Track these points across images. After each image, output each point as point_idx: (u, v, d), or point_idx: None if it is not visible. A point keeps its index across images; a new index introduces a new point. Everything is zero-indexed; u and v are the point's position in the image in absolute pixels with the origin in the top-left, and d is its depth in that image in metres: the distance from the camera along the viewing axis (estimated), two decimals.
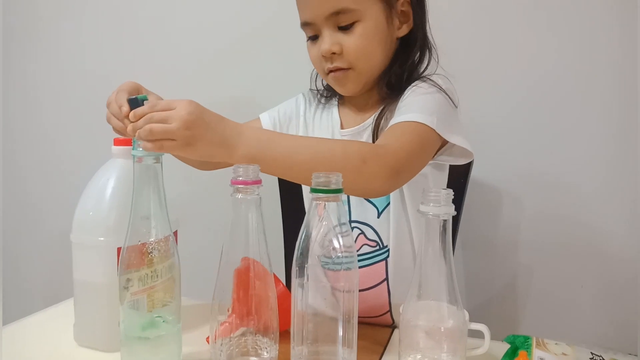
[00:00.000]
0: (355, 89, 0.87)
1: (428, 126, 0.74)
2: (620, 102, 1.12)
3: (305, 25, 0.85)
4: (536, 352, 0.65)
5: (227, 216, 0.61)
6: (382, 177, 0.68)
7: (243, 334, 0.61)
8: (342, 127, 0.91)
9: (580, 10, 1.12)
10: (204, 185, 1.36)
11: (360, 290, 0.58)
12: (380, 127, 0.84)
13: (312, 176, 0.56)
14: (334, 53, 0.82)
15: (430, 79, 0.84)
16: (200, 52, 1.39)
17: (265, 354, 0.60)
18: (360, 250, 0.84)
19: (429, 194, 0.53)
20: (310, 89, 0.99)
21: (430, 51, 0.88)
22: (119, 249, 0.65)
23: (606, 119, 1.14)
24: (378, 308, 0.84)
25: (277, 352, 0.61)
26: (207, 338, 0.71)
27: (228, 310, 0.60)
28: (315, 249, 0.57)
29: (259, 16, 1.33)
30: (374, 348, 0.74)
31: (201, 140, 0.63)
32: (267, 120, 0.96)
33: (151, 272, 0.64)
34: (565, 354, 0.66)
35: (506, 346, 0.70)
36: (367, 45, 0.82)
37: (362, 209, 0.85)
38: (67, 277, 0.73)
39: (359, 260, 0.59)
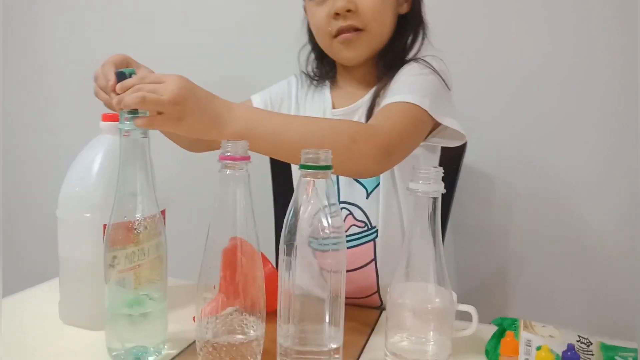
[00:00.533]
0: (361, 55, 0.85)
1: (420, 107, 0.74)
2: (614, 89, 1.12)
3: None
4: (523, 334, 0.66)
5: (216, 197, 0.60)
6: (372, 158, 0.68)
7: (230, 313, 0.61)
8: (333, 107, 0.90)
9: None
10: (193, 164, 1.35)
11: (347, 271, 0.58)
12: (375, 106, 0.83)
13: (302, 152, 0.55)
14: (348, 10, 0.80)
15: (424, 60, 0.83)
16: (192, 33, 1.37)
17: (251, 332, 0.60)
18: (349, 230, 0.84)
19: (419, 172, 0.53)
20: (302, 71, 0.98)
21: (424, 31, 0.88)
22: (105, 226, 0.65)
23: (600, 107, 1.14)
24: (366, 289, 0.84)
25: (263, 330, 0.60)
26: (194, 317, 0.70)
27: (214, 287, 0.59)
28: (303, 228, 0.56)
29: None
30: (361, 329, 0.73)
31: (191, 115, 0.62)
32: (258, 101, 0.95)
33: (138, 250, 0.63)
34: (552, 336, 0.66)
35: (494, 328, 0.70)
36: (382, 8, 0.82)
37: (350, 190, 0.85)
38: (54, 256, 0.72)
39: (347, 241, 0.59)
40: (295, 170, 0.96)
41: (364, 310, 0.81)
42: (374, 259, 0.83)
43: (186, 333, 0.69)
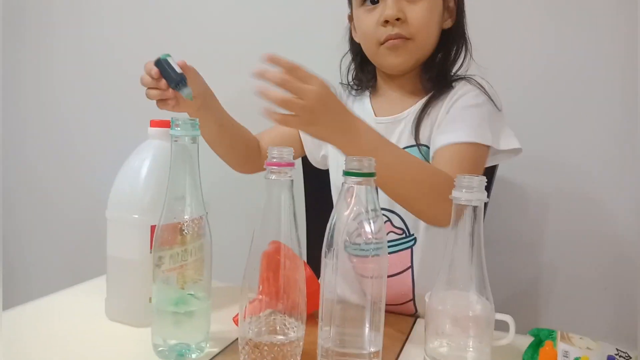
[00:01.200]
0: (406, 62, 0.86)
1: (484, 145, 0.78)
2: None
3: None
4: (560, 345, 0.66)
5: (259, 203, 0.62)
6: (448, 215, 0.68)
7: (271, 314, 0.63)
8: (375, 115, 0.91)
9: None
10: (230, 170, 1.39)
11: None
12: (421, 122, 0.85)
13: (346, 159, 0.57)
14: (398, 19, 0.82)
15: (475, 81, 0.85)
16: (221, 45, 1.41)
17: (292, 333, 0.61)
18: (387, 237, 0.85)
19: (462, 180, 0.54)
20: (341, 83, 1.00)
21: (467, 48, 0.89)
22: (152, 227, 0.67)
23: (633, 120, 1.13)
24: (401, 296, 0.85)
25: (303, 332, 0.62)
26: (235, 318, 0.73)
27: (259, 288, 0.61)
28: (342, 233, 0.58)
29: (280, 11, 1.34)
30: (397, 335, 0.74)
31: (323, 124, 0.66)
32: None
33: (182, 250, 0.65)
34: (590, 349, 0.66)
35: (530, 339, 0.70)
36: (429, 20, 0.84)
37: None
38: (101, 254, 0.75)
39: None
40: (334, 175, 0.97)
41: (399, 318, 0.82)
42: (411, 267, 0.84)
43: (227, 333, 0.71)
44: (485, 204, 1.03)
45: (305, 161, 1.12)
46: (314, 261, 0.69)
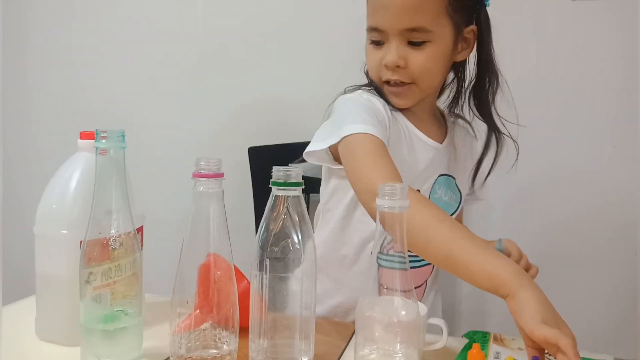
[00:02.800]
0: (411, 103, 0.87)
1: None
2: None
3: (373, 30, 0.83)
4: (492, 347, 0.67)
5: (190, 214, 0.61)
6: None
7: (204, 328, 0.62)
8: (429, 137, 0.90)
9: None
10: (169, 181, 1.37)
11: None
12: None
13: (273, 170, 0.57)
14: (397, 66, 0.81)
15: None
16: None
17: (225, 346, 0.60)
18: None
19: (385, 188, 0.54)
20: (363, 88, 0.90)
21: (497, 77, 0.89)
22: (81, 242, 0.65)
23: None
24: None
25: (236, 345, 0.61)
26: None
27: (187, 302, 0.60)
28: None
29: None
30: (336, 343, 0.74)
31: None
32: (379, 134, 0.78)
33: (114, 266, 0.64)
34: (521, 349, 0.68)
35: (465, 342, 0.71)
36: (432, 67, 0.83)
37: None
38: (30, 273, 0.72)
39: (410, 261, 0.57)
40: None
41: (340, 325, 0.82)
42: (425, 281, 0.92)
43: (161, 348, 0.69)
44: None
45: (255, 171, 1.12)
46: None
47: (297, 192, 0.57)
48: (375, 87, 0.88)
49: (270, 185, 0.57)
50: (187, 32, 1.39)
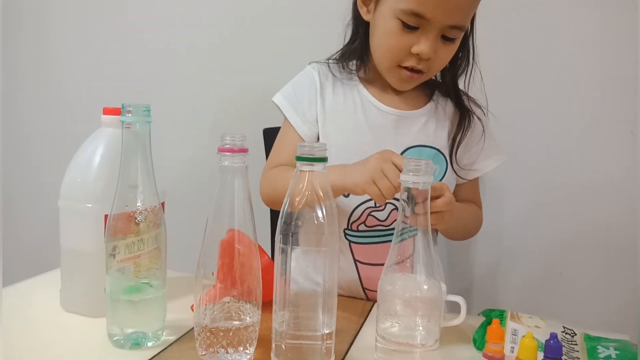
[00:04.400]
0: (410, 88, 0.89)
1: None
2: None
3: (414, 14, 0.78)
4: (510, 324, 0.68)
5: (214, 190, 0.62)
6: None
7: (227, 301, 0.63)
8: (384, 104, 0.90)
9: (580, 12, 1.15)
10: (192, 156, 1.38)
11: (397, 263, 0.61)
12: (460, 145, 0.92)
13: (297, 145, 0.58)
14: (428, 59, 0.81)
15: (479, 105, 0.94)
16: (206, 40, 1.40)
17: (248, 318, 0.62)
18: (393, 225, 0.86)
19: (409, 163, 0.55)
20: (318, 62, 0.95)
21: (473, 58, 0.90)
22: (106, 216, 0.67)
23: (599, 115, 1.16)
24: None
25: (259, 317, 0.62)
26: (192, 307, 0.72)
27: (212, 274, 0.61)
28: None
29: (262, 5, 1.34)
30: (354, 319, 0.76)
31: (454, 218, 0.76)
32: (282, 100, 0.92)
33: (138, 240, 0.65)
34: (538, 327, 0.68)
35: (482, 319, 0.72)
36: (449, 60, 0.85)
37: None
38: (55, 246, 0.74)
39: (398, 235, 0.60)
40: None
41: (357, 302, 0.83)
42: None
43: (184, 321, 0.71)
44: None
45: (268, 144, 1.12)
46: None
47: (322, 167, 0.58)
48: (365, 44, 0.89)
49: (296, 160, 0.58)
50: (207, 14, 1.39)
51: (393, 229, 0.61)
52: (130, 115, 0.62)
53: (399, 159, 0.69)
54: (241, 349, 0.60)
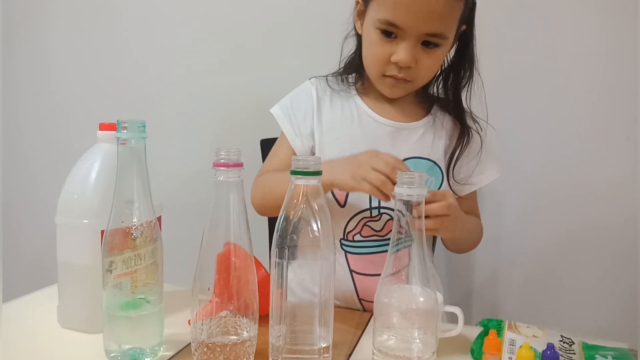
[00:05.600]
0: (402, 95, 0.90)
1: None
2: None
3: (389, 24, 0.79)
4: (507, 334, 0.68)
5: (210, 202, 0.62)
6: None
7: (224, 315, 0.63)
8: (382, 116, 0.90)
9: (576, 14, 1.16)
10: (188, 171, 1.38)
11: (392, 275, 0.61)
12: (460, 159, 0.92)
13: (292, 159, 0.58)
14: (408, 67, 0.82)
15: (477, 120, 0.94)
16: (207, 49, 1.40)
17: (244, 333, 0.62)
18: (389, 235, 0.86)
19: (403, 176, 0.55)
20: (317, 77, 0.97)
21: (475, 67, 0.90)
22: (102, 232, 0.67)
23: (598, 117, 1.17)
24: None
25: (256, 331, 0.62)
26: (189, 321, 0.72)
27: (208, 289, 0.61)
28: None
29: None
30: (352, 330, 0.76)
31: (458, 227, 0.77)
32: (279, 112, 0.94)
33: (135, 255, 0.65)
34: (535, 336, 0.68)
35: (480, 329, 0.72)
36: (436, 68, 0.86)
37: None
38: (52, 262, 0.74)
39: (393, 246, 0.60)
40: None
41: (356, 313, 0.83)
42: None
43: (181, 336, 0.71)
44: None
45: (266, 155, 1.13)
46: None
47: (316, 180, 0.58)
48: (340, 73, 0.93)
49: (290, 173, 0.58)
50: (203, 26, 1.40)
51: (389, 239, 0.61)
52: (125, 131, 0.63)
53: (386, 155, 0.72)
54: None
